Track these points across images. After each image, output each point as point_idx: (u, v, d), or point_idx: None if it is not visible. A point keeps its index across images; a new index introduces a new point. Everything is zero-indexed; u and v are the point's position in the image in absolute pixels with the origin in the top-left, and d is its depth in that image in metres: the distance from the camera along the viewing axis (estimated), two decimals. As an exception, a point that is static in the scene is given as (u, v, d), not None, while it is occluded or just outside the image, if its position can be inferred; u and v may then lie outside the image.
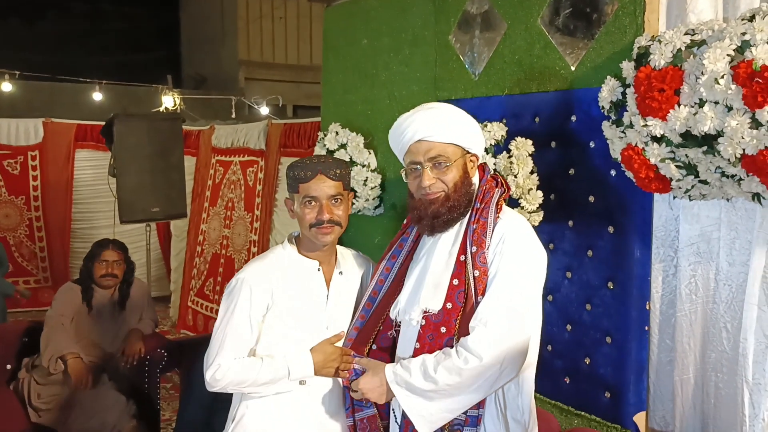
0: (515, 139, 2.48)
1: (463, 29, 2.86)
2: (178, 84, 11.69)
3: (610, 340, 2.35)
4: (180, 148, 5.23)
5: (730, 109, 1.75)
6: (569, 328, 2.48)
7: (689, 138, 1.86)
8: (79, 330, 3.65)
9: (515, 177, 2.43)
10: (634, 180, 2.10)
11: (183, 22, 14.87)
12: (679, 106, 1.86)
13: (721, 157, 1.80)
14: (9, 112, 7.96)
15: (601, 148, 2.28)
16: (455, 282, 1.84)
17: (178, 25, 14.90)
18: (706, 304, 2.16)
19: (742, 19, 1.77)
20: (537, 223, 2.42)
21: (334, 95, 3.61)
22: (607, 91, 2.12)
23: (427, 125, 1.87)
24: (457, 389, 1.74)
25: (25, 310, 6.45)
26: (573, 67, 2.43)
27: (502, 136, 2.56)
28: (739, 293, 2.05)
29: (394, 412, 1.94)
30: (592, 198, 2.40)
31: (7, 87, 8.45)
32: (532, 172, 2.45)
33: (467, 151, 1.92)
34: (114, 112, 5.36)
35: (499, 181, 1.98)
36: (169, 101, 9.29)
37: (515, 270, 1.81)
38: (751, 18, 1.74)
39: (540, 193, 2.43)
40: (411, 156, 1.91)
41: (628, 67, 2.04)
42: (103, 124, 5.07)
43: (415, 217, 1.95)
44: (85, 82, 9.41)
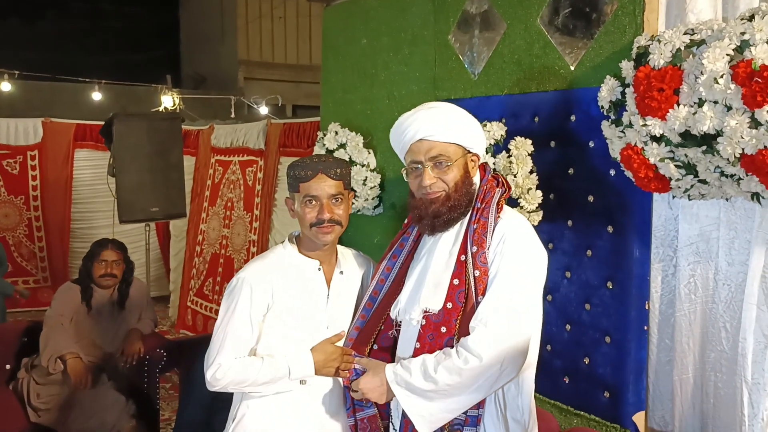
0: (514, 139, 2.48)
1: (462, 29, 2.86)
2: (178, 83, 11.68)
3: (609, 339, 2.35)
4: (179, 148, 5.23)
5: (730, 108, 1.75)
6: (568, 327, 2.48)
7: (688, 137, 1.87)
8: (78, 330, 3.65)
9: (514, 176, 2.43)
10: (634, 180, 2.10)
11: (182, 21, 14.87)
12: (678, 105, 1.86)
13: (721, 156, 1.80)
14: (8, 111, 7.95)
15: (601, 148, 2.28)
16: (455, 282, 1.84)
17: (177, 25, 14.90)
18: (706, 303, 2.16)
19: (742, 19, 1.77)
20: (536, 223, 2.42)
21: (333, 95, 3.61)
22: (607, 91, 2.12)
23: (428, 124, 1.87)
24: (457, 389, 1.74)
25: (25, 310, 6.45)
26: (572, 67, 2.43)
27: (502, 135, 2.56)
28: (738, 293, 2.05)
29: (393, 413, 1.94)
30: (591, 198, 2.39)
31: (6, 87, 8.44)
32: (531, 172, 2.45)
33: (468, 150, 1.91)
34: (113, 111, 5.36)
35: (500, 181, 1.97)
36: (168, 101, 9.28)
37: (516, 270, 1.81)
38: (751, 18, 1.75)
39: (539, 193, 2.43)
40: (412, 155, 1.91)
41: (627, 67, 2.04)
42: (103, 123, 5.07)
43: (416, 216, 1.94)
44: (84, 82, 9.40)
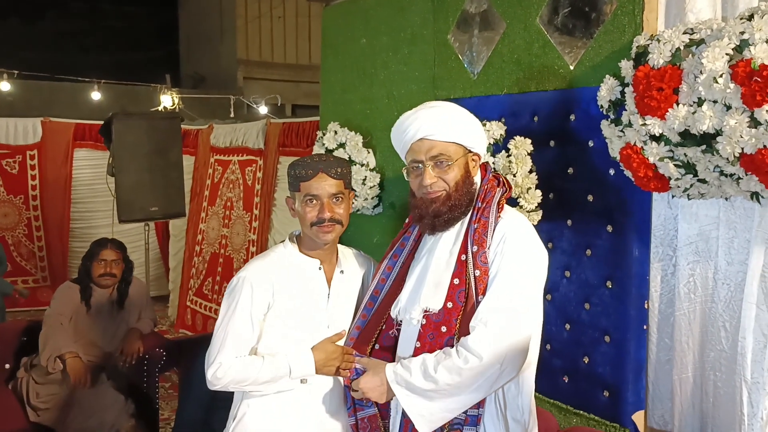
0: (514, 138, 2.48)
1: (461, 28, 2.86)
2: (177, 83, 11.67)
3: (608, 339, 2.35)
4: (178, 148, 5.23)
5: (729, 108, 1.75)
6: (568, 327, 2.48)
7: (688, 137, 1.87)
8: (77, 329, 3.65)
9: (514, 176, 2.43)
10: (633, 179, 2.10)
11: (181, 20, 14.87)
12: (677, 105, 1.86)
13: (720, 156, 1.80)
14: (7, 111, 7.94)
15: (600, 147, 2.28)
16: (456, 281, 1.84)
17: (176, 24, 14.90)
18: (705, 303, 2.16)
19: (741, 18, 1.77)
20: (536, 222, 2.42)
21: (332, 94, 3.61)
22: (606, 90, 2.12)
23: (429, 124, 1.87)
24: (457, 389, 1.74)
25: (24, 309, 6.45)
26: (572, 66, 2.43)
27: (501, 135, 2.56)
28: (738, 292, 2.05)
29: (393, 412, 1.94)
30: (590, 197, 2.39)
31: (5, 86, 8.44)
32: (530, 171, 2.45)
33: (469, 150, 1.91)
34: (112, 111, 5.36)
35: (501, 181, 1.97)
36: (167, 100, 9.28)
37: (516, 270, 1.80)
38: (750, 17, 1.75)
39: (539, 192, 2.43)
40: (413, 154, 1.91)
41: (626, 66, 2.04)
42: (102, 123, 5.06)
43: (417, 215, 1.94)
44: (83, 82, 9.39)
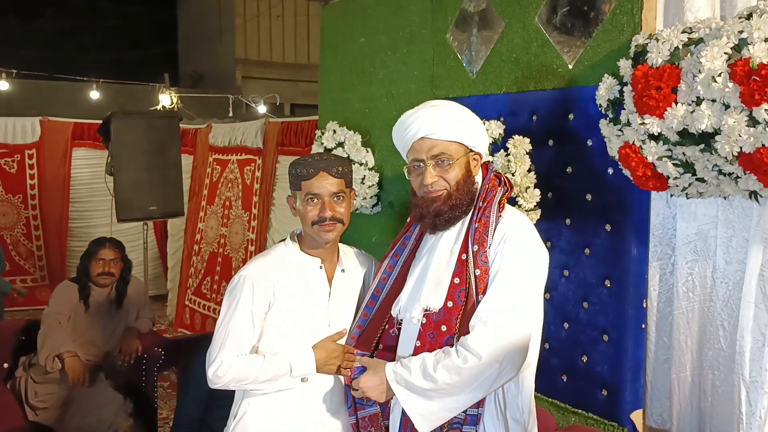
0: (513, 138, 2.48)
1: (460, 27, 2.86)
2: (175, 82, 11.67)
3: (607, 338, 2.35)
4: (177, 147, 5.22)
5: (728, 107, 1.75)
6: (566, 326, 2.49)
7: (686, 136, 1.87)
8: (76, 328, 3.65)
9: (513, 175, 2.43)
10: (632, 178, 2.10)
11: (180, 20, 14.86)
12: (676, 104, 1.86)
13: (719, 155, 1.80)
14: (6, 110, 7.94)
15: (599, 146, 2.28)
16: (456, 280, 1.84)
17: (175, 23, 14.90)
18: (703, 302, 2.16)
19: (740, 18, 1.77)
20: (534, 221, 2.41)
21: (331, 93, 3.60)
22: (605, 90, 2.12)
23: (430, 123, 1.87)
24: (456, 388, 1.74)
25: (23, 308, 6.46)
26: (570, 66, 2.43)
27: (500, 134, 2.56)
28: (736, 291, 2.05)
29: (393, 412, 1.94)
30: (589, 196, 2.40)
31: (4, 86, 8.43)
32: (529, 171, 2.45)
33: (470, 149, 1.91)
34: (111, 110, 5.35)
35: (502, 180, 1.97)
36: (166, 99, 9.28)
37: (516, 269, 1.80)
38: (749, 16, 1.75)
39: (537, 192, 2.43)
40: (414, 153, 1.91)
41: (625, 66, 2.04)
42: (100, 122, 5.06)
43: (418, 215, 1.94)
44: (82, 81, 9.39)
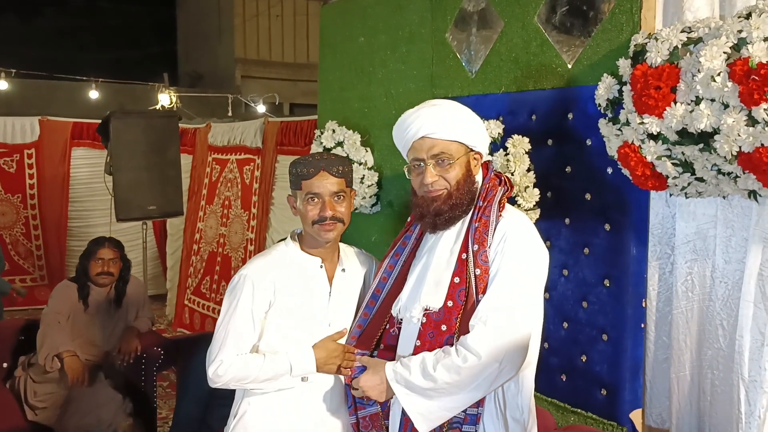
0: (512, 137, 2.48)
1: (459, 27, 2.86)
2: (175, 81, 11.67)
3: (606, 337, 2.35)
4: (176, 146, 5.21)
5: (727, 106, 1.75)
6: (565, 325, 2.49)
7: (685, 135, 1.87)
8: (75, 328, 3.64)
9: (512, 175, 2.43)
10: (631, 178, 2.10)
11: (179, 19, 14.85)
12: (675, 103, 1.86)
13: (718, 154, 1.80)
14: (5, 109, 7.94)
15: (598, 146, 2.28)
16: (456, 280, 1.84)
17: (174, 23, 14.89)
18: (703, 301, 2.16)
19: (739, 17, 1.77)
20: (533, 221, 2.41)
21: (330, 93, 3.60)
22: (604, 89, 2.12)
23: (431, 122, 1.87)
24: (456, 387, 1.74)
25: (22, 308, 6.45)
26: (570, 65, 2.43)
27: (499, 134, 2.56)
28: (735, 291, 2.05)
29: (393, 411, 1.94)
30: (588, 195, 2.40)
31: (3, 85, 8.43)
32: (528, 170, 2.45)
33: (471, 149, 1.91)
34: (110, 109, 5.35)
35: (503, 180, 1.97)
36: (165, 99, 9.27)
37: (516, 268, 1.80)
38: (748, 15, 1.75)
39: (536, 191, 2.43)
40: (414, 153, 1.91)
41: (624, 65, 2.04)
42: (100, 121, 5.06)
43: (418, 214, 1.94)
44: (81, 80, 9.38)
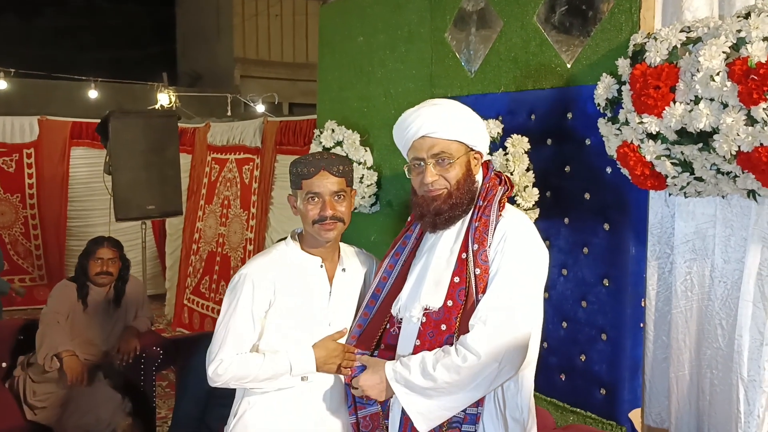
0: (511, 137, 2.48)
1: (459, 26, 2.86)
2: (174, 81, 11.66)
3: (605, 337, 2.35)
4: (175, 146, 5.21)
5: (726, 106, 1.75)
6: (564, 325, 2.49)
7: (685, 135, 1.87)
8: (74, 327, 3.64)
9: (511, 174, 2.43)
10: (630, 177, 2.10)
11: (179, 18, 14.83)
12: (674, 103, 1.86)
13: (717, 154, 1.80)
14: (4, 109, 7.92)
15: (597, 146, 2.28)
16: (456, 279, 1.84)
17: (173, 22, 14.87)
18: (702, 301, 2.16)
19: (738, 17, 1.77)
20: (533, 220, 2.41)
21: (329, 92, 3.60)
22: (603, 89, 2.12)
23: (431, 121, 1.86)
24: (455, 387, 1.74)
25: (21, 308, 6.45)
26: (569, 65, 2.43)
27: (498, 133, 2.57)
28: (734, 290, 2.05)
29: (392, 410, 1.94)
30: (587, 195, 2.40)
31: (2, 84, 8.41)
32: (527, 170, 2.46)
33: (471, 148, 1.91)
34: (109, 109, 5.34)
35: (503, 179, 1.97)
36: (164, 99, 9.25)
37: (516, 268, 1.80)
38: (747, 15, 1.75)
39: (536, 191, 2.43)
40: (414, 152, 1.91)
41: (623, 65, 2.04)
42: (99, 121, 5.05)
43: (418, 213, 1.94)
44: (80, 80, 9.37)
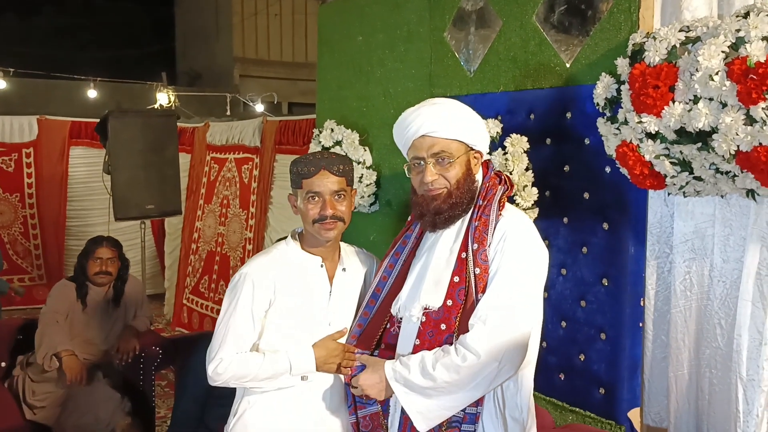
0: (510, 136, 2.48)
1: (458, 26, 2.86)
2: (173, 80, 11.67)
3: (604, 336, 2.35)
4: (174, 145, 5.21)
5: (725, 105, 1.75)
6: (564, 324, 2.49)
7: (684, 135, 1.87)
8: (73, 327, 3.64)
9: (510, 173, 2.43)
10: (629, 177, 2.11)
11: (177, 17, 14.84)
12: (673, 102, 1.87)
13: (716, 153, 1.80)
14: (3, 108, 7.92)
15: (596, 145, 2.28)
16: (456, 279, 1.83)
17: (172, 21, 14.87)
18: (701, 300, 2.16)
19: (737, 16, 1.77)
20: (532, 220, 2.42)
21: (329, 92, 3.60)
22: (602, 88, 2.12)
23: (431, 121, 1.86)
24: (455, 386, 1.74)
25: (20, 308, 6.44)
26: (568, 64, 2.43)
27: (498, 133, 2.57)
28: (733, 290, 2.05)
29: (392, 410, 1.94)
30: (586, 195, 2.40)
31: (1, 84, 8.42)
32: (527, 169, 2.46)
33: (471, 147, 1.91)
34: (108, 108, 5.35)
35: (503, 179, 1.96)
36: (163, 98, 9.26)
37: (516, 268, 1.80)
38: (746, 15, 1.75)
39: (535, 190, 2.43)
40: (414, 151, 1.90)
41: (622, 64, 2.04)
42: (98, 121, 5.05)
43: (418, 213, 1.94)
44: (79, 80, 9.37)
